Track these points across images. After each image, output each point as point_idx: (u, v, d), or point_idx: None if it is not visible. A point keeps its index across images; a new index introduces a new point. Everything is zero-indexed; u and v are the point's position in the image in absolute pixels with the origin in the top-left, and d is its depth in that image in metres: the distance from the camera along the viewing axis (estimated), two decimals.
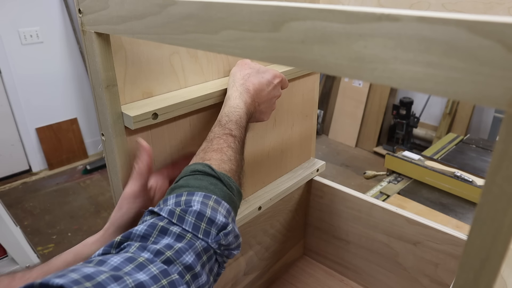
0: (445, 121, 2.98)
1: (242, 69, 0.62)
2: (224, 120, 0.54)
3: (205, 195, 0.42)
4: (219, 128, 0.53)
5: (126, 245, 0.37)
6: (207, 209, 0.41)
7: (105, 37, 0.47)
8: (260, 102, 0.60)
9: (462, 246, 0.70)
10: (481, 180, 1.41)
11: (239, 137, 0.53)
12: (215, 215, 0.41)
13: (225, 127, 0.52)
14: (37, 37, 2.59)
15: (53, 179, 2.77)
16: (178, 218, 0.40)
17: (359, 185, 2.71)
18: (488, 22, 0.18)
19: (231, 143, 0.51)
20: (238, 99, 0.56)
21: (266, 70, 0.62)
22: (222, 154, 0.49)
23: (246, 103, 0.56)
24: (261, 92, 0.59)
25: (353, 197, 0.85)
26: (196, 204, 0.41)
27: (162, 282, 0.33)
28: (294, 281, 0.95)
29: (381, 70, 0.22)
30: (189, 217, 0.40)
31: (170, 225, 0.39)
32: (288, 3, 0.26)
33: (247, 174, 0.75)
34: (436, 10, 0.58)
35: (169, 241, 0.37)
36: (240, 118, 0.54)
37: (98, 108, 0.52)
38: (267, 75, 0.61)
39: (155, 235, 0.38)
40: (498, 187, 0.19)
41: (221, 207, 0.43)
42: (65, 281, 0.29)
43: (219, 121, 0.54)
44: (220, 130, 0.52)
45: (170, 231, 0.38)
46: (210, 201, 0.42)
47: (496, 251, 0.21)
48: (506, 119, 0.18)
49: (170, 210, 0.40)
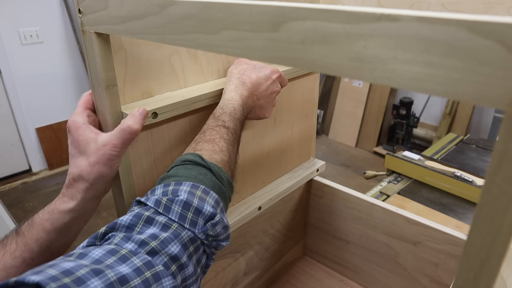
0: (445, 121, 2.98)
1: (239, 65, 0.62)
2: (218, 112, 0.53)
3: (193, 185, 0.42)
4: (212, 120, 0.52)
5: (110, 236, 0.36)
6: (194, 199, 0.40)
7: (105, 37, 0.47)
8: (259, 96, 0.59)
9: (462, 246, 0.70)
10: (481, 180, 1.41)
11: (233, 128, 0.52)
12: (202, 205, 0.40)
13: (218, 119, 0.52)
14: (37, 37, 2.59)
15: (53, 179, 2.77)
16: (165, 208, 0.39)
17: (359, 185, 2.71)
18: (488, 22, 0.18)
19: (224, 134, 0.50)
20: (233, 92, 0.56)
21: (264, 66, 0.62)
22: (214, 145, 0.48)
23: (242, 95, 0.56)
24: (259, 86, 0.59)
25: (353, 197, 0.85)
26: (183, 194, 0.40)
27: (146, 274, 0.33)
28: (294, 281, 0.95)
29: (381, 70, 0.22)
30: (176, 206, 0.39)
31: (156, 215, 0.38)
32: (288, 3, 0.26)
33: (247, 174, 0.75)
34: (436, 10, 0.58)
35: (155, 231, 0.37)
36: (235, 110, 0.54)
37: (98, 108, 0.52)
38: (264, 69, 0.61)
39: (140, 225, 0.37)
40: (498, 187, 0.19)
41: (209, 197, 0.42)
42: (42, 278, 0.28)
43: (213, 113, 0.54)
44: (213, 122, 0.52)
45: (155, 221, 0.38)
46: (198, 191, 0.42)
47: (496, 251, 0.21)
48: (506, 119, 0.18)
49: (156, 200, 0.39)
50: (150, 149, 0.56)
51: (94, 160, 0.47)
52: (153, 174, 0.58)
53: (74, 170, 0.48)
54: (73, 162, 0.49)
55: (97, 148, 0.47)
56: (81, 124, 0.50)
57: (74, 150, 0.50)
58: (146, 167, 0.57)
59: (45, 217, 0.48)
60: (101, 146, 0.47)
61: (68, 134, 0.51)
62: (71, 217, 0.48)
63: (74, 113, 0.52)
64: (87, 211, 0.50)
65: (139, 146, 0.55)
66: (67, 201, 0.48)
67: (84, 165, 0.47)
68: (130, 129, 0.47)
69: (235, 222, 0.70)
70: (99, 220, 2.25)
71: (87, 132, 0.49)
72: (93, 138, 0.48)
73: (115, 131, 0.48)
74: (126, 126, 0.47)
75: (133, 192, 0.55)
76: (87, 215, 0.51)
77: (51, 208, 0.48)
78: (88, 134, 0.49)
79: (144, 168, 0.56)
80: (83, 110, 0.52)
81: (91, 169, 0.47)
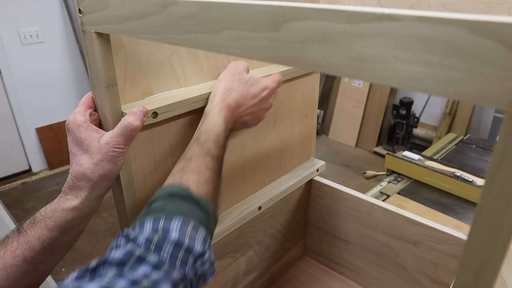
0: (445, 121, 2.98)
1: (228, 79, 0.59)
2: (202, 138, 0.52)
3: (184, 221, 0.41)
4: (197, 146, 0.51)
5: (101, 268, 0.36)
6: (185, 238, 0.40)
7: (105, 37, 0.47)
8: (243, 115, 0.58)
9: (462, 246, 0.70)
10: (481, 180, 1.41)
11: (217, 156, 0.51)
12: (193, 244, 0.40)
13: (203, 146, 0.51)
14: (37, 37, 2.59)
15: (53, 179, 2.77)
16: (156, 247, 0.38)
17: (359, 185, 2.72)
18: (489, 22, 0.18)
19: (210, 163, 0.49)
20: (217, 116, 0.54)
21: (256, 82, 0.59)
22: (200, 176, 0.47)
23: (225, 119, 0.54)
24: (242, 106, 0.57)
25: (353, 197, 0.85)
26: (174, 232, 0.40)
27: None
28: (294, 281, 0.95)
29: (381, 70, 0.22)
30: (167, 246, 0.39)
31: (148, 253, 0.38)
32: (288, 3, 0.26)
33: (247, 174, 0.75)
34: (436, 10, 0.58)
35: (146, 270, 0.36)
36: (219, 136, 0.53)
37: (98, 107, 0.52)
38: (254, 88, 0.58)
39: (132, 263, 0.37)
40: (498, 187, 0.19)
41: (199, 234, 0.42)
42: None
43: (197, 138, 0.52)
44: (199, 149, 0.50)
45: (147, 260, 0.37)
46: (188, 228, 0.41)
47: (496, 251, 0.21)
48: (506, 119, 0.18)
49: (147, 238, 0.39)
50: (150, 149, 0.56)
51: (99, 159, 0.47)
52: (153, 174, 0.58)
53: (77, 169, 0.48)
54: (75, 161, 0.49)
55: (100, 146, 0.48)
56: (83, 122, 0.50)
57: (75, 148, 0.49)
58: (146, 166, 0.57)
59: (48, 215, 0.48)
60: (104, 144, 0.47)
61: (68, 133, 0.51)
62: (74, 215, 0.48)
63: (75, 111, 0.52)
64: (91, 209, 0.50)
65: (139, 146, 0.55)
66: (70, 199, 0.48)
67: (88, 163, 0.48)
68: (132, 126, 0.48)
69: (235, 222, 0.70)
70: (99, 220, 2.26)
71: (89, 131, 0.49)
72: (95, 137, 0.48)
73: (117, 128, 0.48)
74: (127, 123, 0.48)
75: (133, 192, 0.55)
76: (91, 213, 0.51)
77: (53, 207, 0.48)
78: (91, 132, 0.49)
79: (144, 167, 0.56)
80: (85, 109, 0.52)
81: (95, 167, 0.47)
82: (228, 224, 0.69)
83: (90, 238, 2.10)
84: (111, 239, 2.24)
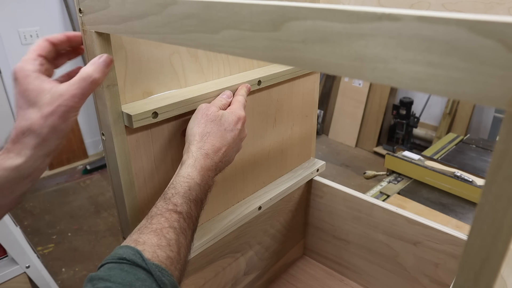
0: (445, 121, 2.98)
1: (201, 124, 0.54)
2: (169, 192, 0.47)
3: None
4: (163, 202, 0.46)
5: None
6: None
7: (105, 36, 0.47)
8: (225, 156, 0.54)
9: (462, 246, 0.70)
10: (481, 180, 1.41)
11: (187, 213, 0.46)
12: None
13: (169, 202, 0.46)
14: (37, 37, 2.59)
15: (53, 179, 2.77)
16: None
17: (359, 185, 2.71)
18: (489, 21, 0.18)
19: (175, 221, 0.44)
20: (190, 168, 0.49)
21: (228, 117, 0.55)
22: (160, 238, 0.42)
23: (202, 168, 0.50)
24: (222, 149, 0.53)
25: (353, 197, 0.85)
26: None
27: None
28: (294, 281, 0.95)
29: (381, 69, 0.22)
30: None
31: None
32: (288, 3, 0.26)
33: (247, 174, 0.75)
34: (436, 10, 0.58)
35: None
36: (190, 189, 0.47)
37: (98, 107, 0.52)
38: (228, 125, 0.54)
39: None
40: (498, 187, 0.19)
41: None
42: None
43: (164, 193, 0.47)
44: (163, 205, 0.45)
45: None
46: None
47: (496, 251, 0.21)
48: (506, 118, 0.18)
49: None
50: (150, 149, 0.56)
51: (48, 112, 0.42)
52: (153, 174, 0.58)
53: (22, 123, 0.42)
54: (20, 115, 0.43)
55: (51, 98, 0.42)
56: (31, 72, 0.44)
57: (21, 101, 0.43)
58: (146, 166, 0.57)
59: None
60: (57, 96, 0.42)
61: (15, 83, 0.45)
62: (16, 175, 0.42)
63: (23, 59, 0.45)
64: (36, 170, 0.44)
65: (139, 146, 0.55)
66: (13, 158, 0.42)
67: (36, 117, 0.42)
68: (91, 79, 0.43)
69: (235, 222, 0.70)
70: (99, 220, 2.26)
71: (39, 81, 0.43)
72: (46, 88, 0.43)
73: (74, 80, 0.43)
74: (86, 75, 0.43)
75: (133, 192, 0.55)
76: (35, 174, 0.44)
77: None
78: (40, 83, 0.43)
79: (144, 167, 0.56)
80: (36, 57, 0.45)
81: (44, 121, 0.42)
82: (228, 224, 0.69)
83: (90, 238, 2.10)
84: (111, 239, 2.23)
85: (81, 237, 2.12)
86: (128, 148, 0.53)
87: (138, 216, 0.57)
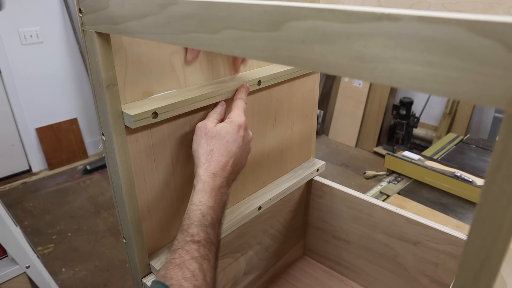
0: (445, 121, 2.98)
1: (203, 144, 0.54)
2: (185, 224, 0.49)
3: None
4: (181, 235, 0.48)
5: None
6: None
7: (105, 36, 0.47)
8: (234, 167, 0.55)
9: (462, 246, 0.70)
10: (481, 180, 1.41)
11: (205, 239, 0.48)
12: None
13: (186, 233, 0.48)
14: (37, 37, 2.59)
15: (53, 179, 2.77)
16: None
17: (359, 185, 2.72)
18: (488, 21, 0.18)
19: (195, 251, 0.46)
20: (201, 193, 0.51)
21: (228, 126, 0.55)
22: (184, 271, 0.44)
23: (213, 189, 0.51)
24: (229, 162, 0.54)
25: (353, 197, 0.85)
26: None
27: None
28: (294, 281, 0.95)
29: (381, 69, 0.22)
30: None
31: None
32: (288, 3, 0.26)
33: (247, 174, 0.75)
34: (436, 10, 0.58)
35: None
36: (203, 216, 0.49)
37: (98, 107, 0.52)
38: (231, 136, 0.54)
39: None
40: (498, 187, 0.19)
41: None
42: None
43: (182, 225, 0.49)
44: (182, 238, 0.48)
45: None
46: None
47: (496, 251, 0.21)
48: (506, 118, 0.18)
49: None
50: (150, 149, 0.56)
51: None
52: (153, 174, 0.58)
53: None
54: None
55: None
56: None
57: None
58: (146, 166, 0.57)
59: None
60: None
61: None
62: None
63: None
64: None
65: (140, 146, 0.55)
66: None
67: None
68: None
69: (235, 222, 0.70)
70: (99, 220, 2.26)
71: None
72: None
73: None
74: None
75: (133, 192, 0.55)
76: None
77: None
78: None
79: (145, 167, 0.56)
80: None
81: None
82: (228, 224, 0.69)
83: (90, 238, 2.10)
84: (111, 239, 2.23)
85: (81, 237, 2.12)
86: (128, 148, 0.53)
87: (138, 216, 0.57)
